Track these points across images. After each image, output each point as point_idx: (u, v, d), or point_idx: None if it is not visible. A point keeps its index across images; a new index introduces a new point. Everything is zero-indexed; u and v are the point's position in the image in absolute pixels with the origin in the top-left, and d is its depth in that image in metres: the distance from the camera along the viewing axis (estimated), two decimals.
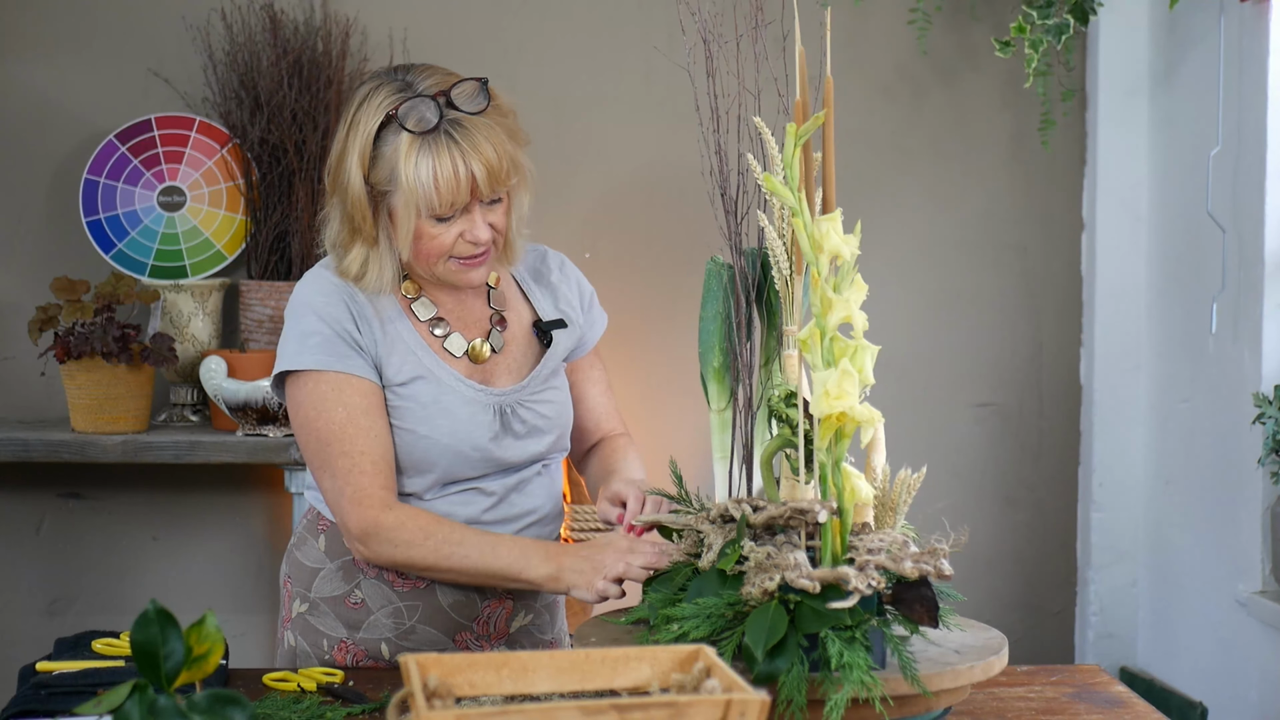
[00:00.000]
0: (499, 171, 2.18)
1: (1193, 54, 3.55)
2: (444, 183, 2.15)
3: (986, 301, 3.88)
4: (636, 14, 3.75)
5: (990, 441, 3.90)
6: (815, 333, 1.80)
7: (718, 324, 2.07)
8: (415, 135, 2.16)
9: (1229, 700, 3.39)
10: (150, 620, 1.48)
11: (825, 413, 1.77)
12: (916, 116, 3.84)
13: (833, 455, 1.81)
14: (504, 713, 1.39)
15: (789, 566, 1.79)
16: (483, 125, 2.18)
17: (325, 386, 2.21)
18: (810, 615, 1.78)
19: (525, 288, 2.40)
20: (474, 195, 2.18)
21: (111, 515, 3.71)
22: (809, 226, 1.81)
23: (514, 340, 2.36)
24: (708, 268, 2.10)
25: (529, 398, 2.32)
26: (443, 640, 2.31)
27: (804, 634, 1.78)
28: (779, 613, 1.78)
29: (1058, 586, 3.91)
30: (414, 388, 2.25)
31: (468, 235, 2.20)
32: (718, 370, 2.08)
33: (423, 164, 2.15)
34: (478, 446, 2.27)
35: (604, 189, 3.78)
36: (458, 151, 2.15)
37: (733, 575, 1.86)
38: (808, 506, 1.82)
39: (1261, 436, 3.19)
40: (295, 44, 3.61)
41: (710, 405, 2.09)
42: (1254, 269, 3.25)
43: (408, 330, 2.27)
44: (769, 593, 1.79)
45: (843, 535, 1.83)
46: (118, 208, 3.58)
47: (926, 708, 1.85)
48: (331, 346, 2.21)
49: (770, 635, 1.76)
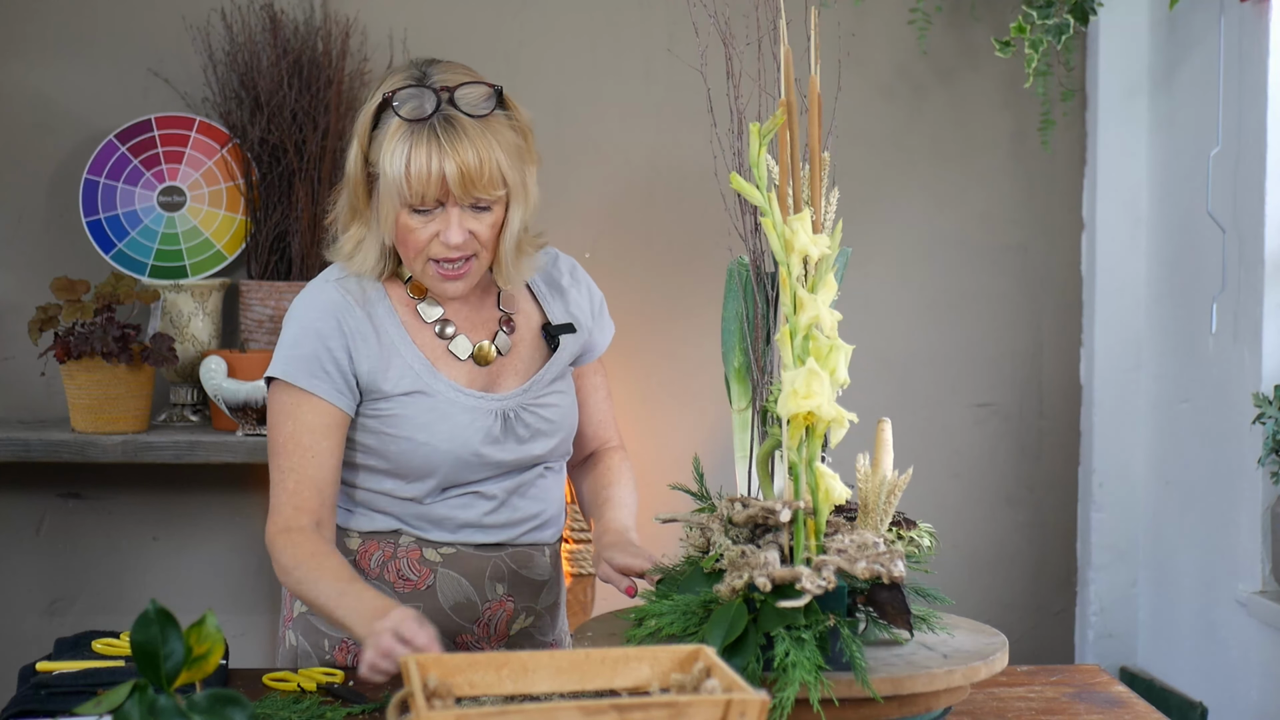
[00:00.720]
0: (475, 176, 2.15)
1: (1193, 54, 3.55)
2: (414, 173, 2.15)
3: (986, 301, 3.88)
4: (637, 14, 3.75)
5: (990, 441, 3.90)
6: (785, 332, 1.80)
7: (737, 324, 2.08)
8: (404, 122, 2.17)
9: (1229, 700, 3.39)
10: (150, 620, 1.48)
11: (792, 412, 1.77)
12: (916, 116, 3.84)
13: (803, 454, 1.81)
14: (504, 713, 1.39)
15: (757, 565, 1.80)
16: (475, 128, 2.17)
17: (285, 398, 2.23)
18: (770, 614, 1.79)
19: (535, 290, 2.39)
20: (447, 193, 2.17)
21: (111, 515, 3.71)
22: (778, 226, 1.82)
23: (521, 343, 2.35)
24: (729, 268, 2.10)
25: (532, 401, 2.32)
26: (443, 642, 2.31)
27: (762, 632, 1.78)
28: (740, 610, 1.80)
29: (1058, 586, 3.91)
30: (412, 398, 2.25)
31: (442, 236, 2.19)
32: (739, 370, 2.08)
33: (400, 150, 2.16)
34: (477, 452, 2.26)
35: (604, 189, 3.78)
36: (435, 146, 2.15)
37: (716, 574, 1.88)
38: (775, 506, 1.82)
39: (1261, 436, 3.19)
40: (295, 44, 3.61)
41: (732, 405, 2.10)
42: (1254, 269, 3.25)
43: (406, 344, 2.26)
44: (736, 590, 1.80)
45: (817, 535, 1.83)
46: (118, 208, 3.58)
47: (926, 707, 1.85)
48: (303, 363, 2.22)
49: (729, 632, 1.77)
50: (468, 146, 2.15)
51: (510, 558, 2.34)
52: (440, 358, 2.29)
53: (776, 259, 1.99)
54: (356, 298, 2.26)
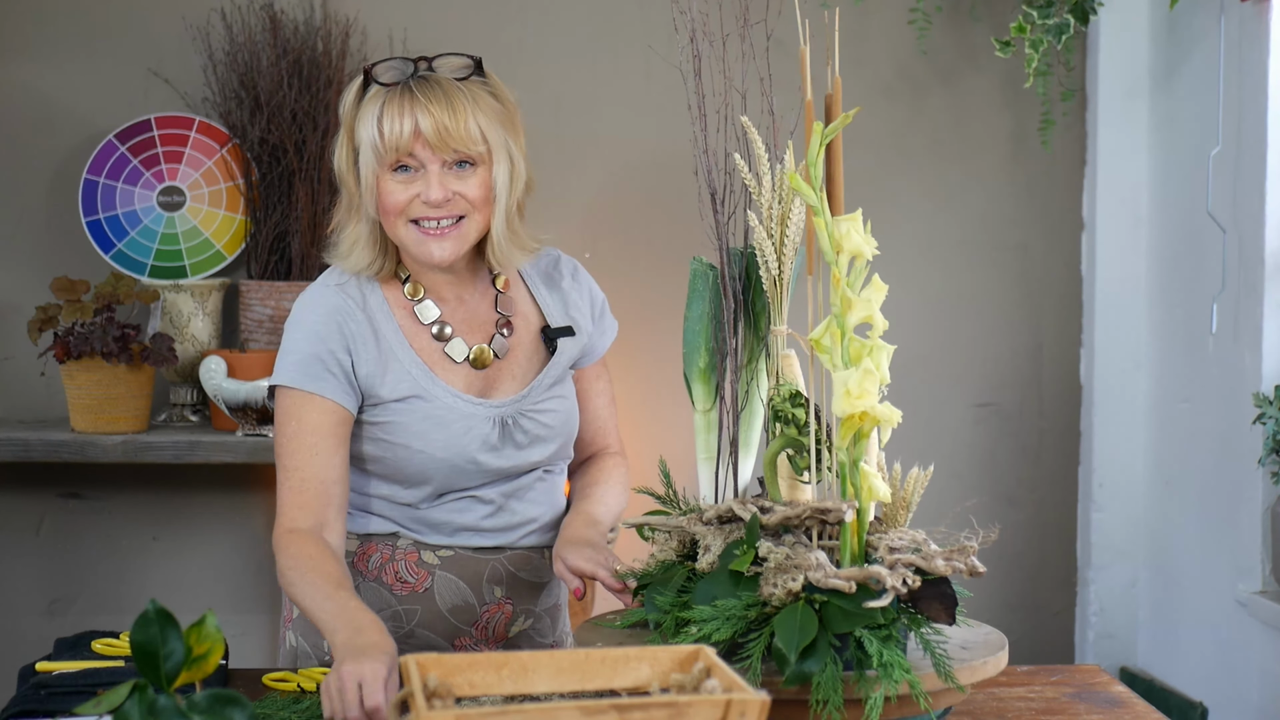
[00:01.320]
0: (450, 126, 2.16)
1: (1193, 54, 3.55)
2: (388, 128, 2.16)
3: (986, 301, 3.88)
4: (636, 14, 3.75)
5: (990, 441, 3.90)
6: (836, 332, 1.80)
7: (704, 324, 2.06)
8: (381, 87, 2.19)
9: (1229, 700, 3.39)
10: (150, 620, 1.48)
11: (847, 412, 1.77)
12: (916, 116, 3.84)
13: (852, 454, 1.81)
14: (504, 713, 1.39)
15: (812, 567, 1.79)
16: (451, 86, 2.18)
17: (289, 401, 2.22)
18: (839, 615, 1.78)
19: (535, 292, 2.38)
20: (424, 148, 2.17)
21: (111, 515, 3.71)
22: (830, 226, 1.82)
23: (519, 345, 2.33)
24: (693, 268, 2.09)
25: (531, 407, 2.30)
26: (441, 644, 2.31)
27: (834, 634, 1.78)
28: (807, 613, 1.78)
29: (1058, 586, 3.91)
30: (409, 404, 2.24)
31: (423, 195, 2.18)
32: (703, 370, 2.07)
33: (373, 108, 2.18)
34: (474, 459, 2.26)
35: (604, 189, 3.78)
36: (409, 100, 2.17)
37: (746, 576, 1.85)
38: (831, 506, 1.81)
39: (1261, 436, 3.19)
40: (295, 44, 3.61)
41: (695, 406, 2.08)
42: (1254, 269, 3.25)
43: (403, 348, 2.25)
44: (793, 593, 1.79)
45: (860, 535, 1.83)
46: (117, 208, 3.58)
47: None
48: (306, 365, 2.21)
49: (802, 636, 1.76)
50: (442, 99, 2.17)
51: (508, 560, 2.34)
52: (438, 361, 2.27)
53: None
54: (357, 301, 2.25)
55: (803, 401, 1.96)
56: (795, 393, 1.96)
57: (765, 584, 1.81)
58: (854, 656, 1.79)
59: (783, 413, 1.95)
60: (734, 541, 1.89)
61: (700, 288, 2.07)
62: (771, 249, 1.98)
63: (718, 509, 1.94)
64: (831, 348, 1.80)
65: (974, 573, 1.83)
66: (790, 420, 1.94)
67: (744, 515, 1.90)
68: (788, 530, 1.87)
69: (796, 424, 1.94)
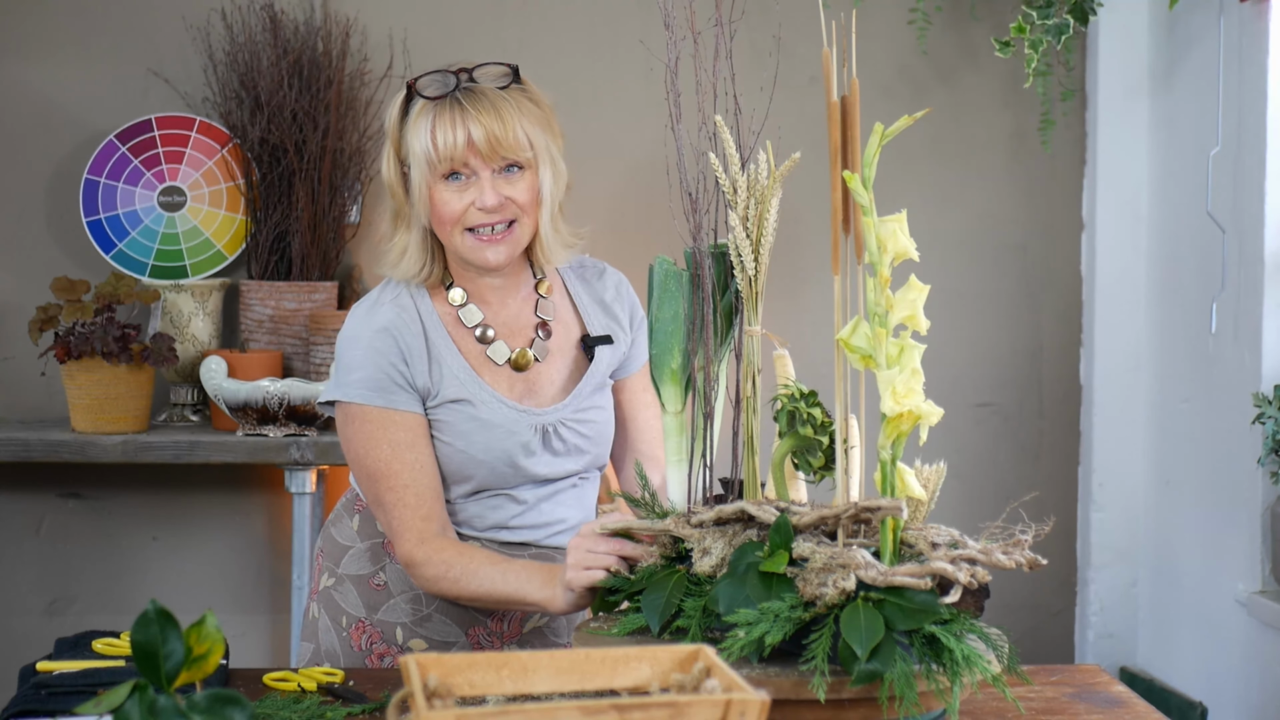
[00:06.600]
0: (500, 134, 2.22)
1: (1193, 54, 3.55)
2: (441, 140, 2.22)
3: (986, 301, 3.88)
4: (636, 14, 3.75)
5: (990, 441, 3.90)
6: (879, 332, 1.81)
7: (678, 325, 2.06)
8: (428, 101, 2.25)
9: (1229, 700, 3.39)
10: (150, 620, 1.48)
11: (895, 411, 1.78)
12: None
13: (893, 453, 1.82)
14: (504, 713, 1.39)
15: (861, 565, 1.78)
16: (496, 95, 2.25)
17: (371, 424, 2.27)
18: (901, 612, 1.78)
19: (577, 301, 2.43)
20: (476, 156, 2.23)
21: (111, 515, 3.71)
22: (877, 226, 1.84)
23: (559, 351, 2.38)
24: (664, 268, 2.08)
25: (571, 416, 2.35)
26: (455, 632, 2.34)
27: (899, 631, 1.78)
28: (871, 612, 1.78)
29: (1058, 586, 3.91)
30: (459, 406, 2.29)
31: (477, 202, 2.24)
32: (675, 372, 2.06)
33: (425, 121, 2.24)
34: (513, 464, 2.31)
35: (604, 189, 3.78)
36: (459, 111, 2.23)
37: (779, 577, 1.84)
38: (885, 504, 1.81)
39: (1261, 436, 3.19)
40: (295, 44, 3.61)
41: (665, 408, 2.07)
42: (1254, 269, 3.25)
43: (451, 352, 2.30)
44: (847, 593, 1.79)
45: (896, 532, 1.84)
46: (118, 208, 3.58)
47: (926, 707, 1.85)
48: (376, 382, 2.26)
49: (870, 635, 1.76)
50: (490, 109, 2.23)
51: (533, 557, 2.36)
52: (483, 365, 2.33)
53: (870, 259, 1.96)
54: (410, 314, 2.31)
55: (817, 401, 1.96)
56: (810, 392, 1.95)
57: (807, 584, 1.80)
58: (920, 653, 1.79)
59: (798, 413, 1.94)
60: (750, 543, 1.88)
61: (673, 288, 2.07)
62: (750, 249, 1.98)
63: (719, 511, 1.92)
64: (875, 347, 1.81)
65: (1034, 565, 1.84)
66: (807, 420, 1.94)
67: (763, 516, 1.88)
68: (798, 531, 1.86)
69: (814, 424, 1.93)
